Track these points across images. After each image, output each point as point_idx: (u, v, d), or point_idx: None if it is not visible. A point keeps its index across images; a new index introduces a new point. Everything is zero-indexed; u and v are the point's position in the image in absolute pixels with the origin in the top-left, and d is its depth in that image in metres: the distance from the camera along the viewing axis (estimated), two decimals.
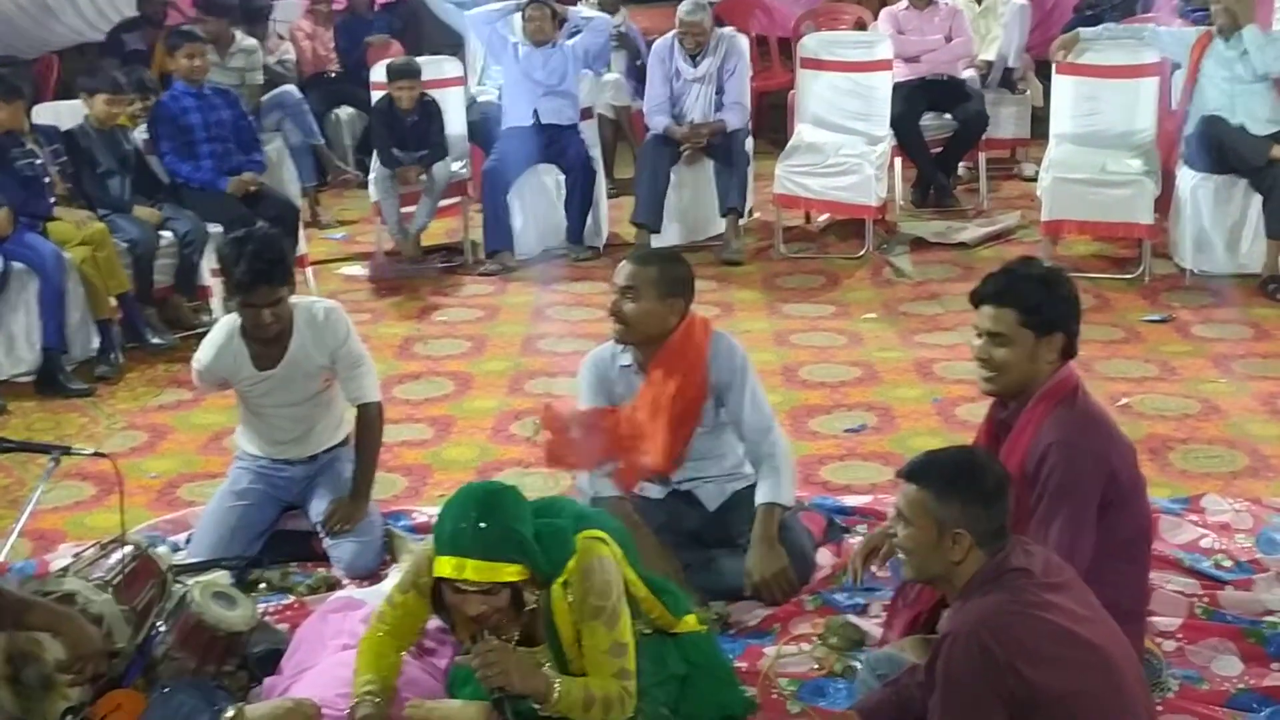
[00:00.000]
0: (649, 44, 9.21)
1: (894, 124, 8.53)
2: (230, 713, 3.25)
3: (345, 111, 10.30)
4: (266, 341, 4.63)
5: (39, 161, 6.91)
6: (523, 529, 3.20)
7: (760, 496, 4.37)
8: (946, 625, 3.03)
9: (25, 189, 6.84)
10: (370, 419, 4.78)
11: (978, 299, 3.59)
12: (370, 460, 4.80)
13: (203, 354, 4.78)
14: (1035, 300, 3.50)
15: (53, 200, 6.95)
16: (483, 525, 3.13)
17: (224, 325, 4.76)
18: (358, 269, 8.46)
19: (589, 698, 3.27)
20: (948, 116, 8.97)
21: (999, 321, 3.52)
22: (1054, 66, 8.14)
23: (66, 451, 3.85)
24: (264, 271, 4.47)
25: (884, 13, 9.24)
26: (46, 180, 6.95)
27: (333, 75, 10.50)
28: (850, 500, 5.03)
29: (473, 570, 3.12)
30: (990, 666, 2.86)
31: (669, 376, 4.35)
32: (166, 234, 7.25)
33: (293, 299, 4.68)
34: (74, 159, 7.12)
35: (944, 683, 2.93)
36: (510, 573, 3.15)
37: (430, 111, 8.38)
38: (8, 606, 3.58)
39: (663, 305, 4.34)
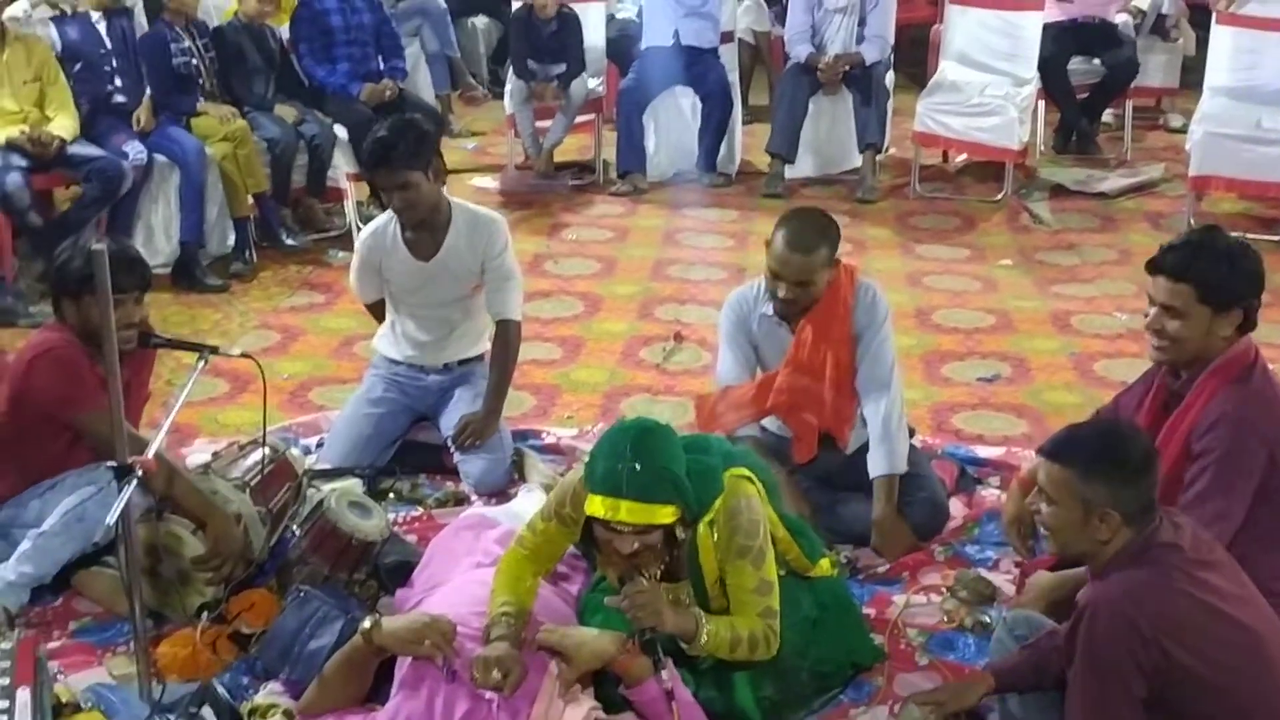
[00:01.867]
0: None
1: (1041, 66, 8.32)
2: (368, 623, 3.27)
3: (481, 20, 10.28)
4: (421, 230, 4.64)
5: (193, 60, 6.96)
6: (677, 469, 3.17)
7: (876, 467, 4.24)
8: (1087, 596, 2.96)
9: (178, 84, 6.91)
10: (509, 336, 4.79)
11: (1155, 268, 3.45)
12: (504, 377, 4.81)
13: (364, 231, 4.86)
14: (1216, 278, 3.36)
15: (199, 96, 7.00)
16: (638, 466, 3.10)
17: (388, 213, 4.80)
18: (489, 181, 8.45)
19: (735, 637, 3.27)
20: (1096, 61, 8.70)
21: (1175, 295, 3.39)
22: (1214, 16, 7.89)
23: (214, 351, 3.88)
24: (383, 155, 4.51)
25: None
26: (199, 77, 7.00)
27: None
28: (983, 451, 4.95)
29: (627, 512, 3.10)
30: (1135, 640, 2.80)
31: (820, 339, 4.23)
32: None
33: (458, 200, 4.79)
34: (222, 55, 7.15)
35: (1085, 654, 2.86)
36: (665, 514, 3.13)
37: (569, 23, 8.30)
38: (162, 473, 3.65)
39: (824, 273, 4.20)
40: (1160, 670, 2.80)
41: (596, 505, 3.13)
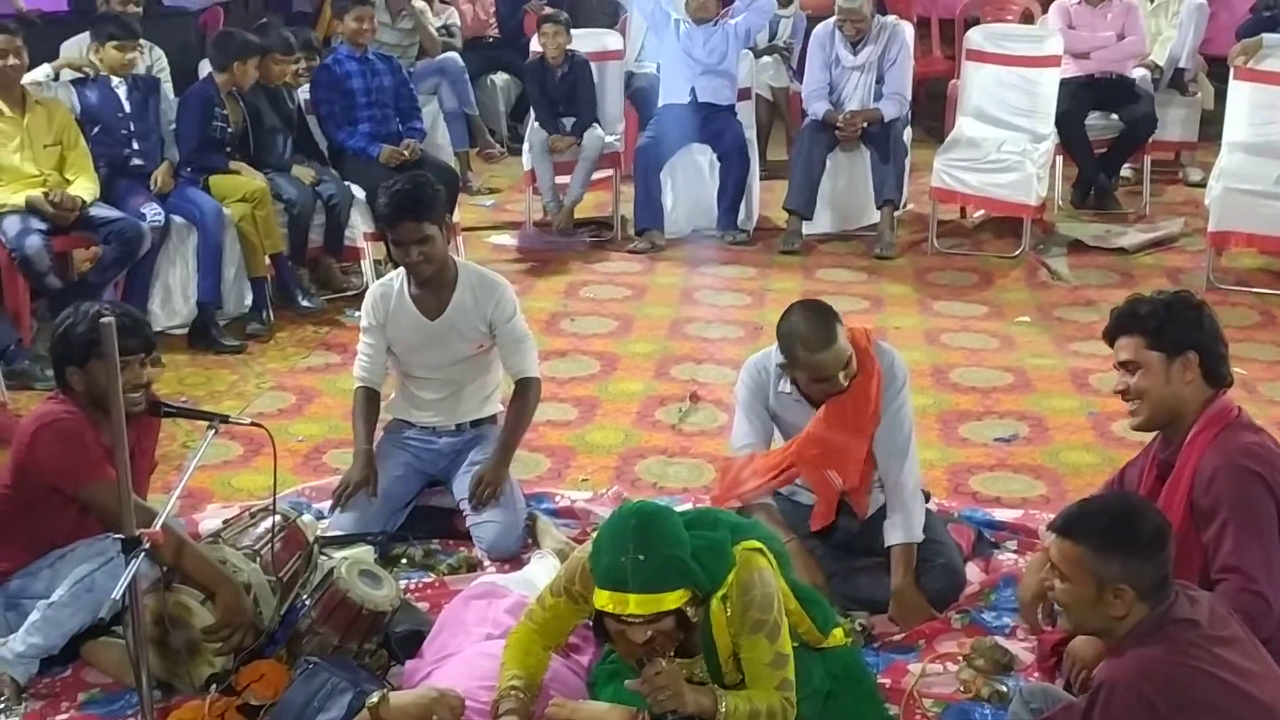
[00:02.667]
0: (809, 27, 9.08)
1: (1058, 121, 8.31)
2: (375, 698, 3.25)
3: (500, 77, 10.34)
4: (428, 288, 4.66)
5: (228, 128, 7.03)
6: (682, 554, 3.14)
7: (893, 536, 4.21)
8: (1104, 674, 2.91)
9: (208, 144, 6.99)
10: (529, 392, 4.82)
11: (1107, 336, 3.59)
12: (518, 425, 4.82)
13: (371, 289, 4.89)
14: (1156, 322, 3.47)
15: (225, 159, 7.06)
16: (642, 558, 3.07)
17: (396, 272, 4.83)
18: (506, 238, 8.46)
19: (754, 710, 3.23)
20: (1114, 117, 8.70)
21: (1126, 349, 3.52)
22: (1232, 72, 7.86)
23: (225, 420, 3.86)
24: (408, 207, 4.55)
25: (1055, 6, 8.96)
26: (227, 140, 7.07)
27: (490, 40, 10.53)
28: (1000, 514, 4.91)
29: (636, 604, 3.07)
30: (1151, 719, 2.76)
31: (845, 414, 4.17)
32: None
33: (463, 261, 4.82)
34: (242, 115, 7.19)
35: None
36: (674, 599, 3.10)
37: (579, 69, 8.38)
38: (170, 545, 3.64)
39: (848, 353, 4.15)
40: None
41: (604, 599, 3.11)
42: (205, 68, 7.75)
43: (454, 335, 4.73)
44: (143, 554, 3.24)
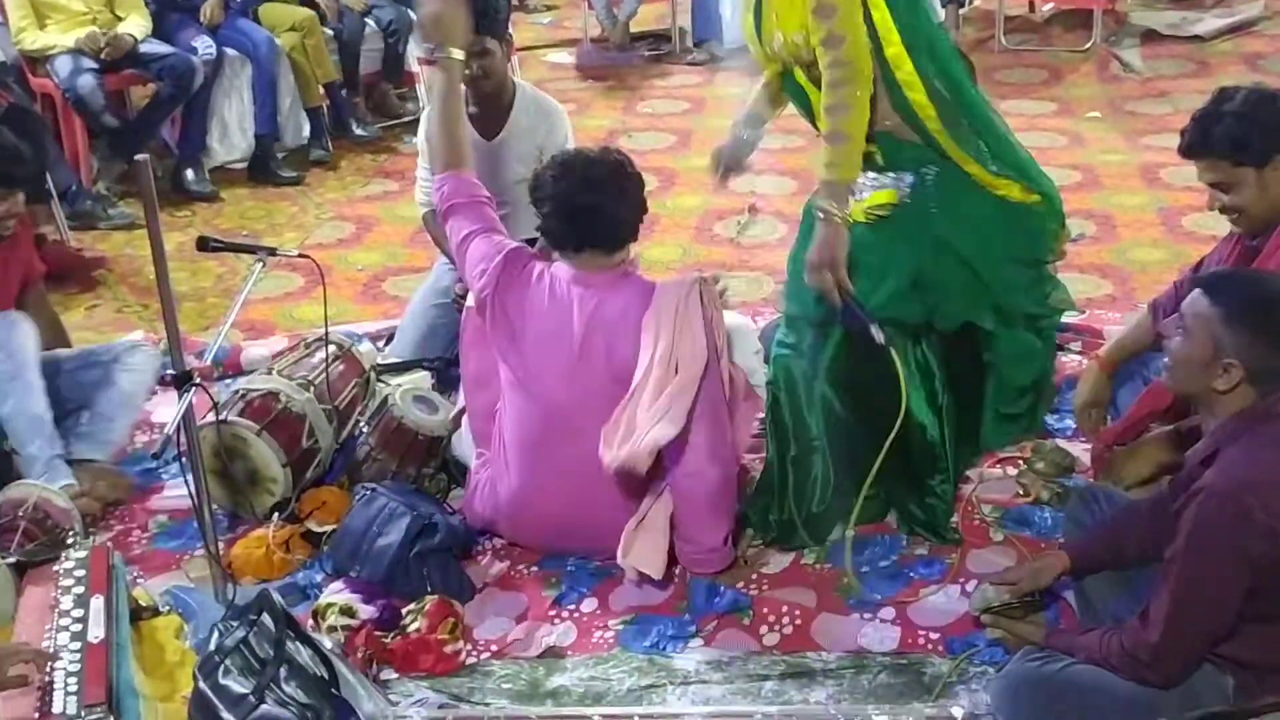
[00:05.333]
0: None
1: None
2: None
3: None
4: (486, 107, 4.59)
5: None
6: None
7: None
8: (1206, 480, 2.80)
9: None
10: None
11: (1182, 152, 3.37)
12: None
13: (428, 111, 4.80)
14: (1235, 138, 3.24)
15: None
16: None
17: None
18: (564, 56, 8.34)
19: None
20: None
21: (1211, 170, 3.31)
22: None
23: (272, 253, 3.85)
24: (471, 20, 4.44)
25: None
26: None
27: None
28: (1065, 315, 4.81)
29: None
30: (1249, 530, 2.66)
31: None
32: (369, 22, 7.20)
33: (522, 82, 4.71)
34: None
35: (1193, 537, 2.72)
36: None
37: None
38: None
39: None
40: (1270, 560, 2.69)
41: None
42: None
43: (511, 155, 4.66)
44: (196, 388, 3.27)
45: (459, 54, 3.81)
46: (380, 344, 4.81)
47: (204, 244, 3.98)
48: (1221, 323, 2.75)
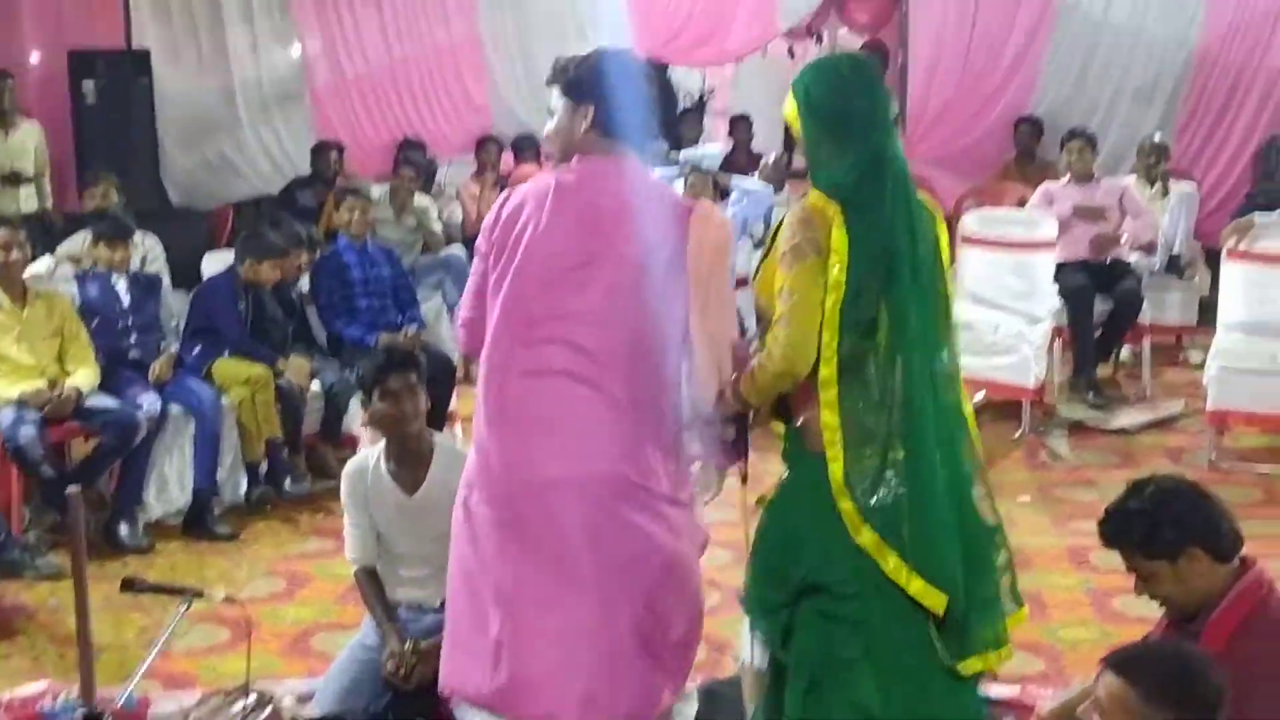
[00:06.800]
0: None
1: (1069, 297, 8.47)
2: None
3: None
4: (405, 463, 4.65)
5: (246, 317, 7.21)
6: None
7: None
8: None
9: (226, 331, 7.16)
10: None
11: (1104, 543, 3.45)
12: None
13: (346, 468, 4.85)
14: (1143, 533, 3.31)
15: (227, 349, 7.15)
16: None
17: (372, 449, 4.84)
18: None
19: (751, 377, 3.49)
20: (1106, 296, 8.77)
21: (1127, 560, 3.39)
22: (1224, 252, 7.94)
23: (199, 594, 3.84)
24: (394, 361, 4.63)
25: (1040, 189, 9.14)
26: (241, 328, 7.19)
27: None
28: (997, 690, 4.79)
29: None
30: None
31: None
32: (314, 384, 7.34)
33: (440, 436, 4.79)
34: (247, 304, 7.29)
35: None
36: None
37: None
38: None
39: None
40: None
41: None
42: (210, 263, 7.91)
43: (433, 509, 4.68)
44: None
45: None
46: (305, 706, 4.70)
47: (128, 584, 3.97)
48: (1142, 701, 2.72)
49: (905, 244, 3.42)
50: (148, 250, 7.96)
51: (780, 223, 3.51)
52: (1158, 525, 3.30)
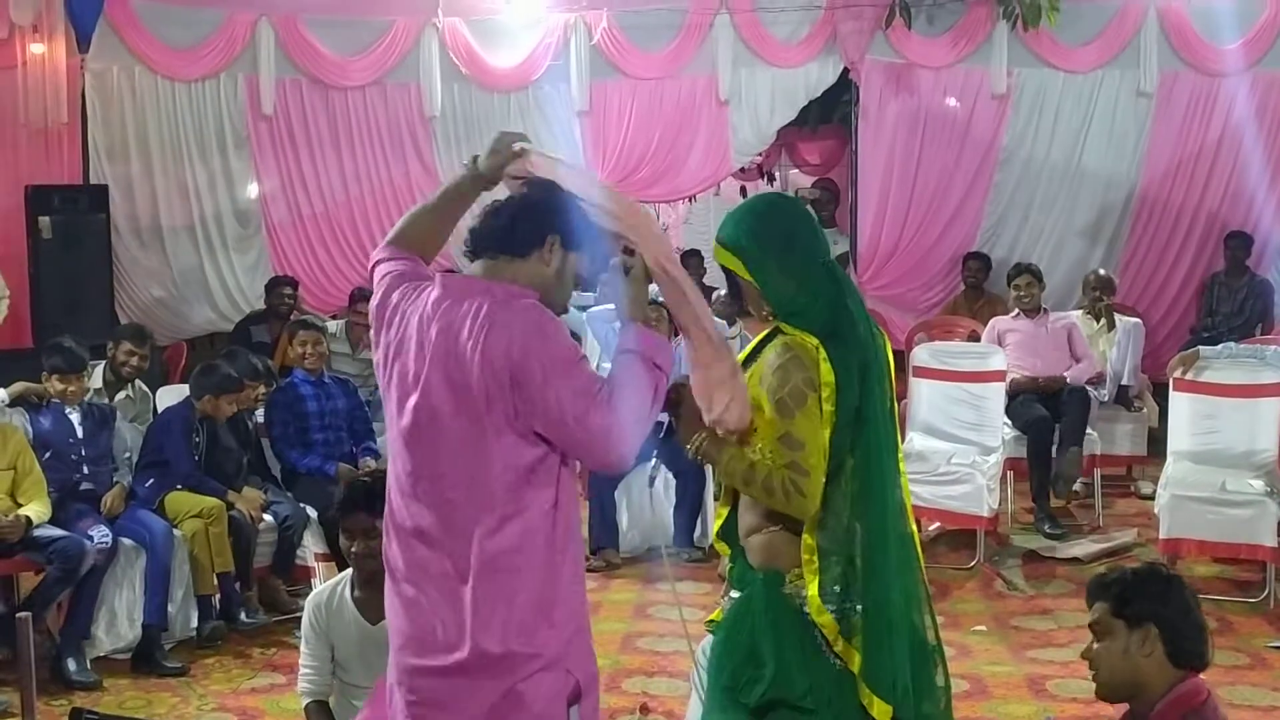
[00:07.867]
0: None
1: (1028, 429, 8.60)
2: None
3: None
4: (371, 589, 4.56)
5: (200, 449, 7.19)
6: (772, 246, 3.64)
7: None
8: None
9: (179, 463, 7.12)
10: None
11: (1087, 600, 3.60)
12: None
13: (311, 596, 4.83)
14: (1123, 591, 3.45)
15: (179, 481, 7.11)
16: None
17: (338, 577, 4.83)
18: None
19: (748, 472, 3.42)
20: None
21: (1095, 612, 3.51)
22: (1171, 383, 8.06)
23: None
24: (362, 498, 4.58)
25: (991, 324, 9.31)
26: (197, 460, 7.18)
27: None
28: None
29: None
30: None
31: None
32: (267, 516, 7.29)
33: None
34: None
35: None
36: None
37: None
38: None
39: None
40: None
41: None
42: (165, 396, 7.89)
43: None
44: None
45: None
46: None
47: (77, 716, 3.90)
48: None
49: (873, 356, 3.52)
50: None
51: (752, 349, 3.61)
52: (1139, 591, 3.44)
